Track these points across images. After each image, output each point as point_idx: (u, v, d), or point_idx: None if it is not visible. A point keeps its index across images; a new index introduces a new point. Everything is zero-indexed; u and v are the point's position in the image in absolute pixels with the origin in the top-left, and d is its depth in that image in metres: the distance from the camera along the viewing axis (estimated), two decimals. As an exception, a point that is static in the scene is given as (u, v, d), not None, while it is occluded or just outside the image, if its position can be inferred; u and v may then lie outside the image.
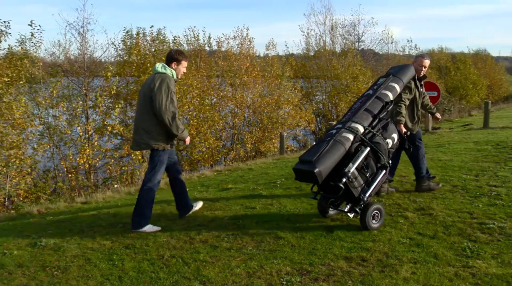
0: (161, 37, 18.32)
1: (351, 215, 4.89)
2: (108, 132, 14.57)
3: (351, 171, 4.72)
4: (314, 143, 4.92)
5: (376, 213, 4.88)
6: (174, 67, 5.26)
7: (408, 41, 64.42)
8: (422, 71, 6.18)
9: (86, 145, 13.74)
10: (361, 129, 4.95)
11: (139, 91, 5.36)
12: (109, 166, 14.60)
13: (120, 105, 15.13)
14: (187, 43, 20.33)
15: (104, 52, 16.96)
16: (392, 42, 35.21)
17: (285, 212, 5.67)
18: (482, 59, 48.15)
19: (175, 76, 5.22)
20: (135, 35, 17.81)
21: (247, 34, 20.92)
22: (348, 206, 4.91)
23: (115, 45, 17.50)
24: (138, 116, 5.27)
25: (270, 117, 19.17)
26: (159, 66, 5.17)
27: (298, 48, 31.37)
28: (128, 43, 17.67)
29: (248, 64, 19.85)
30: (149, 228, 5.20)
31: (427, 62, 6.20)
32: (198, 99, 17.32)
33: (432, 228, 4.84)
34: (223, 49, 20.82)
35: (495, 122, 15.81)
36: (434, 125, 16.02)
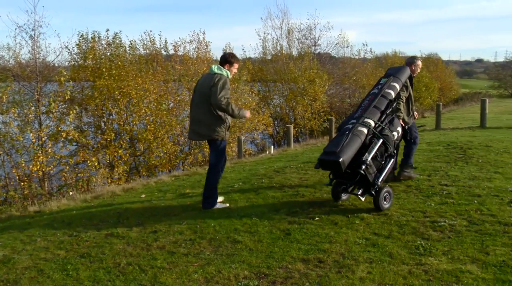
0: (117, 41, 18.06)
1: (362, 198, 5.67)
2: (62, 139, 14.21)
3: (369, 159, 5.44)
4: (333, 136, 6.01)
5: (387, 195, 5.60)
6: (227, 69, 6.02)
7: (363, 45, 65.91)
8: (417, 71, 7.05)
9: (40, 152, 13.34)
10: (372, 123, 5.66)
11: (194, 89, 6.24)
12: (64, 173, 14.23)
13: (74, 111, 14.80)
14: (143, 48, 20.14)
15: (57, 56, 16.49)
16: (347, 46, 35.80)
17: (243, 216, 5.68)
18: (434, 63, 49.69)
19: (229, 76, 5.99)
20: (90, 39, 17.48)
21: (203, 38, 20.92)
22: (360, 190, 5.62)
23: (69, 49, 17.14)
24: (196, 111, 6.01)
25: (228, 121, 19.15)
26: (215, 68, 5.97)
27: (255, 52, 31.49)
28: (83, 47, 17.33)
29: (205, 68, 19.77)
30: (218, 205, 6.13)
31: (420, 63, 7.08)
32: (155, 104, 17.17)
33: (387, 228, 4.95)
34: (180, 53, 20.71)
35: (446, 124, 16.33)
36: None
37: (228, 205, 6.19)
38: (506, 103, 37.66)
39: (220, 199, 6.35)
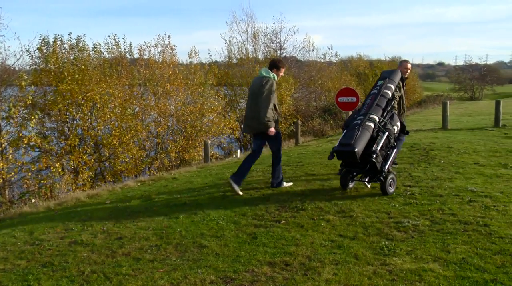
0: (81, 45, 17.75)
1: (368, 185, 6.65)
2: (24, 145, 13.88)
3: (378, 150, 6.18)
4: (345, 130, 6.48)
5: (392, 181, 6.37)
6: (275, 72, 6.96)
7: (329, 48, 66.57)
8: (407, 73, 7.89)
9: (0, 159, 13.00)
10: (377, 119, 6.43)
11: (249, 89, 7.24)
12: (26, 180, 13.91)
13: (37, 116, 14.49)
14: (107, 51, 19.86)
15: (17, 59, 16.12)
16: (313, 50, 36.03)
17: (209, 220, 5.66)
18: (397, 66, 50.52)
19: (276, 78, 6.92)
20: (52, 43, 17.11)
21: (169, 42, 20.81)
22: (367, 178, 6.45)
23: (30, 53, 16.74)
24: (249, 109, 7.01)
25: (194, 126, 19.11)
26: (264, 71, 6.93)
27: (221, 56, 31.43)
28: (45, 50, 16.95)
29: (170, 72, 19.70)
30: (285, 184, 7.20)
31: (410, 65, 8.04)
32: (120, 108, 16.95)
33: (352, 229, 5.02)
34: (145, 57, 20.53)
35: (410, 126, 16.60)
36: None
37: (291, 183, 7.32)
38: (466, 106, 38.64)
39: (288, 184, 7.31)
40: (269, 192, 6.87)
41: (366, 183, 6.59)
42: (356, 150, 5.95)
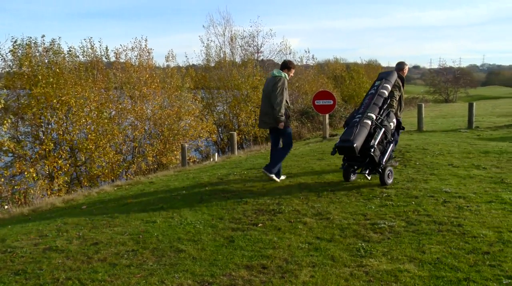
0: (55, 48, 17.49)
1: (369, 177, 7.24)
2: (-4, 150, 13.63)
3: (375, 144, 6.81)
4: (346, 128, 7.12)
5: (390, 173, 7.06)
6: (286, 72, 7.71)
7: (306, 52, 66.55)
8: (405, 74, 8.55)
9: (-30, 164, 12.74)
10: (374, 117, 7.03)
11: (263, 89, 7.93)
12: (-2, 186, 13.63)
13: (9, 121, 14.19)
14: (83, 55, 19.61)
15: (-12, 62, 15.76)
16: (290, 53, 36.05)
17: (187, 224, 5.64)
18: (374, 69, 51.15)
19: (287, 78, 7.67)
20: (25, 46, 16.82)
21: (145, 45, 20.64)
22: (367, 170, 7.14)
23: (3, 56, 16.44)
24: (264, 106, 7.72)
25: (171, 129, 19.00)
26: (276, 71, 7.66)
27: (198, 59, 31.26)
28: (18, 53, 16.66)
29: (147, 75, 19.56)
30: (281, 178, 7.83)
31: (407, 67, 8.72)
32: (96, 112, 16.76)
33: (329, 232, 5.05)
34: (121, 60, 20.32)
35: (385, 128, 16.77)
36: (331, 132, 16.69)
37: (280, 180, 7.75)
38: (440, 108, 39.30)
39: (282, 177, 7.88)
40: (246, 195, 6.87)
41: (366, 175, 7.22)
42: (355, 145, 6.57)
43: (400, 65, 8.60)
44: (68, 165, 15.82)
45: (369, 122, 6.96)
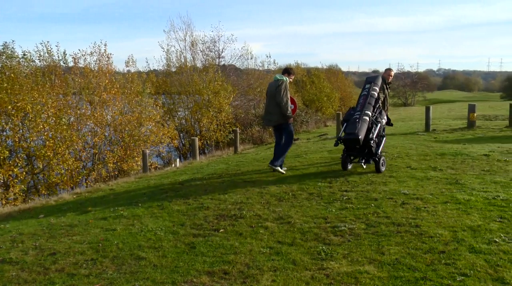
0: (9, 52, 17.01)
1: (364, 166, 8.32)
2: None
3: (374, 137, 8.01)
4: (346, 123, 8.26)
5: (383, 162, 8.20)
6: (286, 76, 8.82)
7: (267, 56, 67.25)
8: (390, 78, 9.74)
9: None
10: (370, 114, 8.18)
11: (266, 91, 9.15)
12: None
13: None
14: (39, 59, 19.14)
15: None
16: (251, 58, 36.40)
17: (147, 231, 5.56)
18: (334, 73, 51.92)
19: (288, 81, 8.74)
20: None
21: (105, 50, 20.30)
22: (363, 160, 8.19)
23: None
24: (269, 106, 8.84)
25: (132, 135, 18.77)
26: (278, 76, 8.79)
27: (159, 64, 30.99)
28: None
29: (107, 81, 19.26)
30: (281, 170, 8.67)
31: (393, 72, 9.91)
32: (54, 118, 16.38)
33: (290, 236, 5.08)
34: (80, 65, 19.92)
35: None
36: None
37: (285, 172, 8.67)
38: (399, 112, 40.17)
39: (283, 170, 8.75)
40: (208, 201, 6.84)
41: (362, 164, 8.27)
42: (360, 137, 7.76)
43: (386, 71, 9.87)
44: (24, 173, 15.40)
45: (367, 118, 8.07)
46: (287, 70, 9.01)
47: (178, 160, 15.19)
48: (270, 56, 59.46)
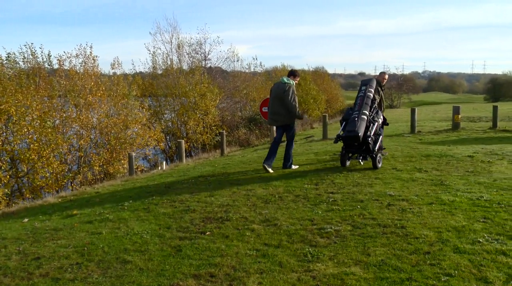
0: (-8, 54, 16.82)
1: (362, 163, 8.88)
2: None
3: (372, 135, 8.51)
4: (346, 122, 8.81)
5: (379, 158, 8.69)
6: (292, 79, 9.22)
7: (253, 59, 67.06)
8: (384, 81, 10.12)
9: None
10: (368, 113, 8.67)
11: (271, 92, 9.37)
12: None
13: None
14: (23, 61, 18.97)
15: None
16: (238, 60, 36.26)
17: (133, 235, 5.53)
18: (321, 76, 52.08)
19: (294, 84, 9.15)
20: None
21: (90, 52, 20.19)
22: (361, 157, 8.83)
23: None
24: (274, 107, 9.21)
25: (118, 138, 18.67)
26: (285, 78, 9.17)
27: (145, 67, 30.83)
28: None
29: (92, 83, 19.15)
30: (294, 167, 9.22)
31: (387, 76, 10.45)
32: (39, 121, 16.23)
33: (277, 238, 5.08)
34: (65, 67, 19.77)
35: (333, 134, 17.06)
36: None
37: (298, 166, 9.32)
38: (385, 114, 40.28)
39: (295, 167, 9.30)
40: (194, 204, 6.82)
41: (360, 161, 8.86)
42: (360, 134, 8.29)
43: (380, 74, 10.45)
44: (8, 177, 15.23)
45: (365, 117, 8.58)
46: (292, 73, 9.40)
47: (164, 162, 15.17)
48: (256, 59, 59.34)
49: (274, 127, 10.15)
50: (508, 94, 72.12)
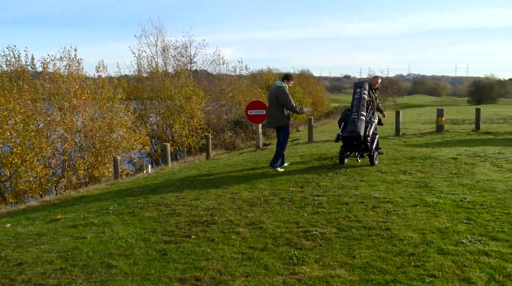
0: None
1: (359, 160, 9.58)
2: None
3: (370, 134, 9.14)
4: (345, 122, 9.44)
5: (376, 156, 9.37)
6: (285, 83, 9.61)
7: (239, 62, 67.07)
8: (377, 85, 10.59)
9: None
10: (365, 114, 9.25)
11: (268, 96, 9.93)
12: None
13: None
14: (6, 64, 18.74)
15: None
16: (223, 63, 36.28)
17: (118, 239, 5.49)
18: (306, 79, 52.20)
19: (287, 86, 9.54)
20: None
21: (75, 55, 20.00)
22: (359, 154, 9.51)
23: None
24: (270, 110, 9.65)
25: (103, 141, 18.51)
26: (278, 82, 9.61)
27: (130, 70, 30.65)
28: None
29: (77, 86, 18.96)
30: (280, 169, 9.35)
31: (379, 80, 10.91)
32: (22, 124, 16.04)
33: (262, 241, 5.08)
34: (49, 70, 19.57)
35: (318, 137, 17.16)
36: (264, 141, 16.83)
37: (283, 169, 9.40)
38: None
39: (282, 169, 9.42)
40: (179, 207, 6.80)
41: (357, 159, 9.57)
42: (361, 134, 8.90)
43: (373, 78, 10.94)
44: (-10, 181, 15.02)
45: (364, 118, 9.16)
46: (286, 76, 9.82)
47: (149, 166, 15.08)
48: (242, 62, 59.57)
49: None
50: (491, 96, 73.17)
